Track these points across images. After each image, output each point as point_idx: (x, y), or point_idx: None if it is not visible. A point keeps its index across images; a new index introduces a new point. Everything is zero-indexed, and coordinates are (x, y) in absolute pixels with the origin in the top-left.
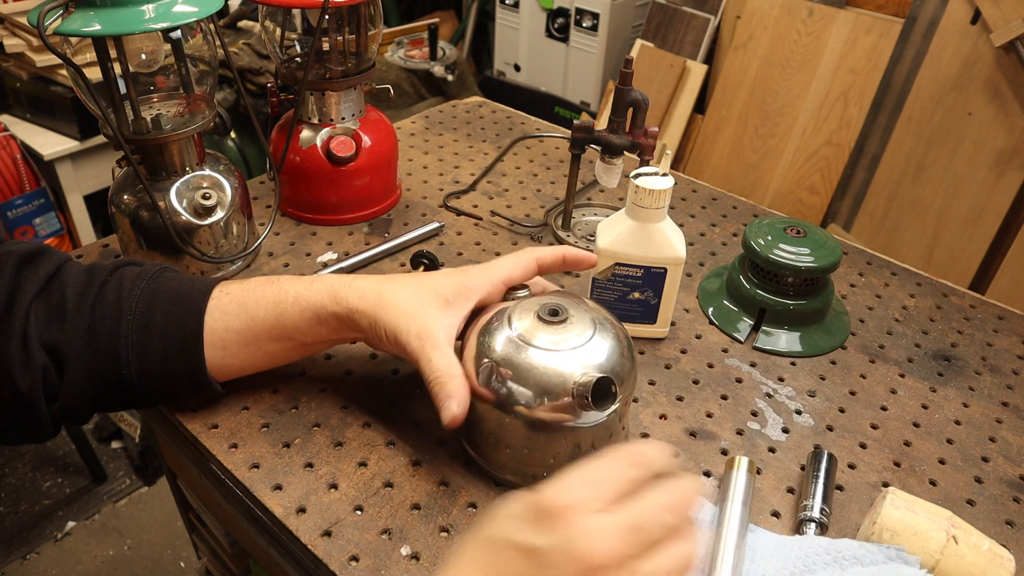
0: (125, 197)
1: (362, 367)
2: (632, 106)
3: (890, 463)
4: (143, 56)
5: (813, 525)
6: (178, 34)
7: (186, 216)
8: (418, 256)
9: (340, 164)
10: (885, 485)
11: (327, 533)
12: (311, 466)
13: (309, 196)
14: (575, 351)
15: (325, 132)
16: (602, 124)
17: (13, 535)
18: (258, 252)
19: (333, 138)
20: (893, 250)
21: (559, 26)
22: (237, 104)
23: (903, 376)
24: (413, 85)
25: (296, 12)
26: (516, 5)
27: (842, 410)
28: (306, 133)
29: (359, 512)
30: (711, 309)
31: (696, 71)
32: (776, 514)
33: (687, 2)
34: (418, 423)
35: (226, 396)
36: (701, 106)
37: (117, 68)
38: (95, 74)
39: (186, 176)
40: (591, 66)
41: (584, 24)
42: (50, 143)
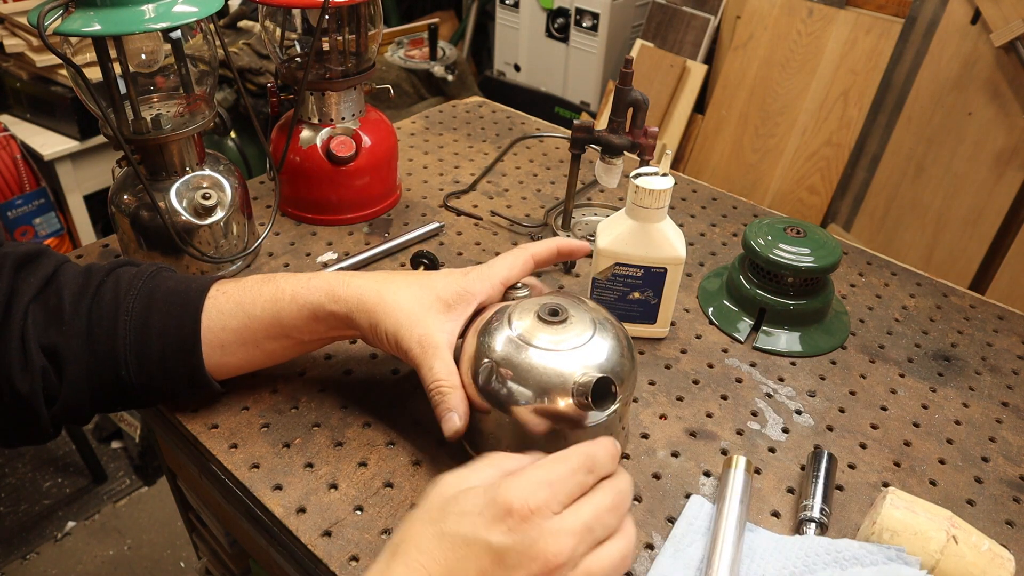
0: (125, 197)
1: (362, 367)
2: (632, 106)
3: (890, 463)
4: (143, 56)
5: (813, 525)
6: (178, 34)
7: (186, 216)
8: (418, 256)
9: (340, 164)
10: (885, 485)
11: (327, 533)
12: (311, 466)
13: (309, 196)
14: (575, 351)
15: (325, 132)
16: (602, 124)
17: (13, 535)
18: (258, 252)
19: (333, 138)
20: (893, 250)
21: (559, 26)
22: (237, 104)
23: (903, 376)
24: (413, 85)
25: (296, 12)
26: (516, 5)
27: (842, 410)
28: (306, 133)
29: (359, 512)
30: (711, 309)
31: (696, 71)
32: (776, 514)
33: (687, 2)
34: (418, 423)
35: (226, 396)
36: (701, 106)
37: (117, 68)
38: (95, 74)
39: (186, 176)
40: (591, 66)
41: (584, 24)
42: (50, 143)
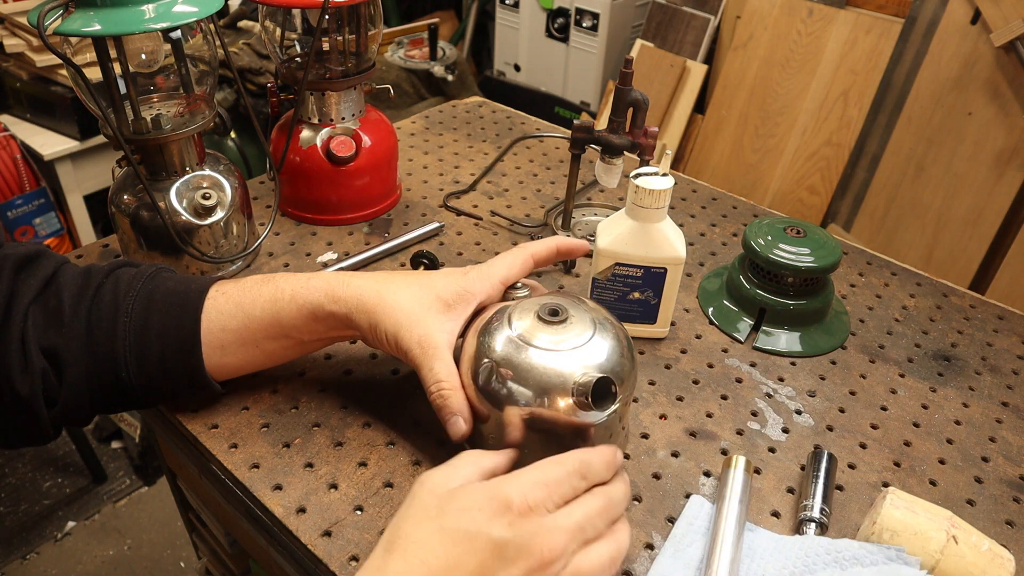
0: (125, 197)
1: (362, 367)
2: (632, 106)
3: (890, 463)
4: (143, 56)
5: (813, 525)
6: (178, 34)
7: (186, 216)
8: (418, 256)
9: (340, 164)
10: (885, 485)
11: (327, 533)
12: (311, 466)
13: (309, 196)
14: (575, 351)
15: (325, 132)
16: (602, 124)
17: (13, 535)
18: (258, 252)
19: (333, 138)
20: (893, 250)
21: (559, 26)
22: (237, 104)
23: (903, 376)
24: (413, 85)
25: (296, 12)
26: (516, 5)
27: (842, 410)
28: (306, 133)
29: (359, 512)
30: (711, 309)
31: (696, 71)
32: (776, 514)
33: (687, 2)
34: (418, 423)
35: (226, 396)
36: (701, 106)
37: (117, 68)
38: (95, 74)
39: (186, 176)
40: (591, 66)
41: (584, 24)
42: (50, 143)
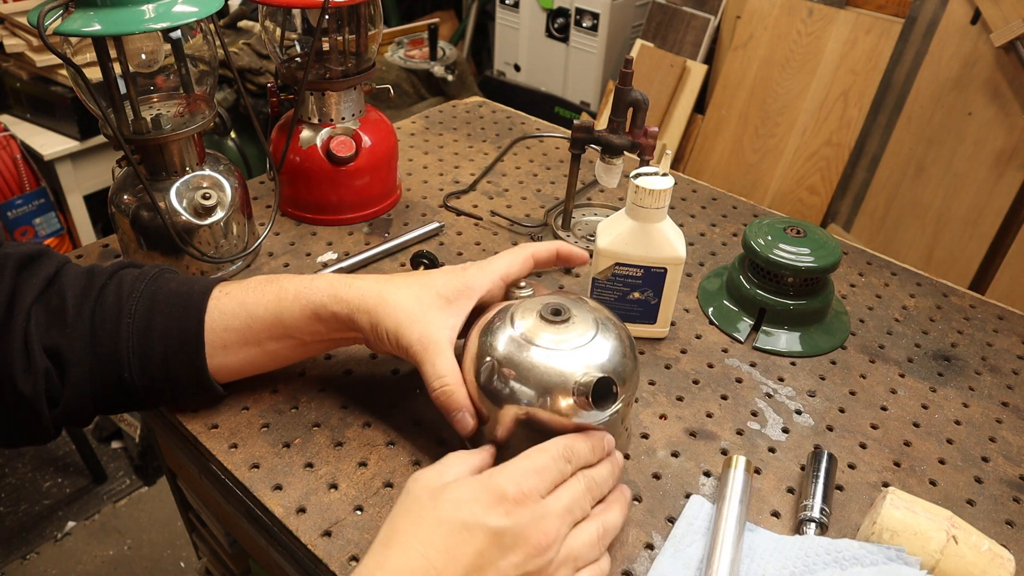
0: (125, 197)
1: (362, 367)
2: (632, 106)
3: (890, 463)
4: (143, 56)
5: (813, 525)
6: (178, 34)
7: (186, 216)
8: (418, 256)
9: (340, 164)
10: (885, 485)
11: (327, 533)
12: (311, 466)
13: (309, 196)
14: (577, 351)
15: (325, 132)
16: (602, 124)
17: (13, 535)
18: (258, 252)
19: (333, 138)
20: (893, 250)
21: (559, 26)
22: (237, 104)
23: (903, 376)
24: (413, 85)
25: (296, 12)
26: (516, 5)
27: (842, 410)
28: (306, 133)
29: (359, 512)
30: (711, 309)
31: (696, 71)
32: (776, 514)
33: (687, 2)
34: (418, 423)
35: (226, 396)
36: (701, 106)
37: (117, 68)
38: (95, 74)
39: (186, 176)
40: (591, 66)
41: (584, 24)
42: (50, 143)
